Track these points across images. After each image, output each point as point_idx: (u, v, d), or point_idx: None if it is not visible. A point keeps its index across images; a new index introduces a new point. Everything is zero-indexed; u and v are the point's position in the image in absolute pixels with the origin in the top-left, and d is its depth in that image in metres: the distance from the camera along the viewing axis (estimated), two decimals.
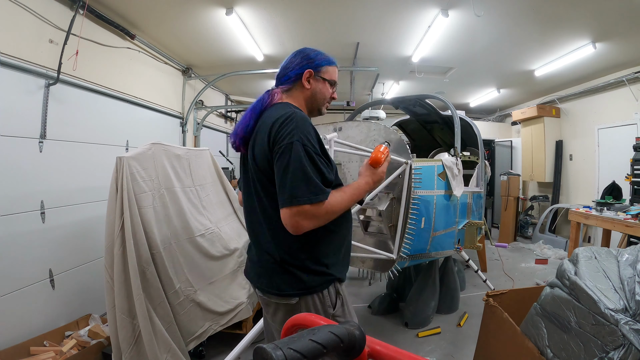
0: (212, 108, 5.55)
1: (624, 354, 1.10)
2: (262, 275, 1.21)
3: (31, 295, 2.39)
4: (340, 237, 1.23)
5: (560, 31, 3.75)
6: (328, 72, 1.28)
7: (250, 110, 1.23)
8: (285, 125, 1.08)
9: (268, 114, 1.18)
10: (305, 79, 1.24)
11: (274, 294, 1.17)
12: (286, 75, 1.26)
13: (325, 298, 1.17)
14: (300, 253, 1.14)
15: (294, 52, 1.29)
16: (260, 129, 1.17)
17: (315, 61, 1.25)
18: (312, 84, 1.26)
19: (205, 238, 2.48)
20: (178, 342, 2.10)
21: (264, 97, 1.24)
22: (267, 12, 3.47)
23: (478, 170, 3.51)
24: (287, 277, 1.15)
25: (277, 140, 1.08)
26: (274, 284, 1.17)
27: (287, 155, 1.04)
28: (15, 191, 2.33)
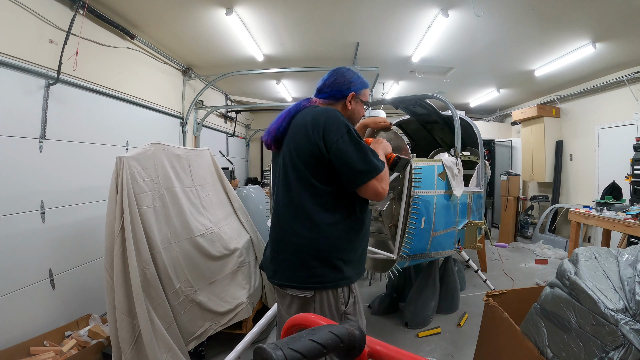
0: (212, 108, 5.56)
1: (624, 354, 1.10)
2: (280, 269, 1.28)
3: (31, 295, 2.39)
4: (361, 236, 1.32)
5: (560, 31, 3.75)
6: (365, 95, 1.46)
7: (285, 113, 1.36)
8: (335, 119, 1.24)
9: (302, 113, 1.32)
10: (348, 100, 1.40)
11: (291, 287, 1.25)
12: (331, 92, 1.40)
13: (339, 295, 1.24)
14: (324, 248, 1.22)
15: (336, 69, 1.43)
16: (296, 127, 1.30)
17: (357, 85, 1.42)
18: (352, 105, 1.41)
19: (205, 238, 2.48)
20: (178, 342, 2.10)
21: (302, 102, 1.39)
22: (267, 12, 3.47)
23: (478, 170, 3.51)
24: (305, 271, 1.22)
25: (331, 132, 1.21)
26: (292, 276, 1.24)
27: (351, 142, 1.20)
28: (15, 191, 2.33)
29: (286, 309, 1.31)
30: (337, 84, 1.40)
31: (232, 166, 6.03)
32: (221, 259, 2.56)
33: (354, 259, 1.29)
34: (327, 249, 1.22)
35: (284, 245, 1.28)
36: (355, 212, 1.30)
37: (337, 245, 1.23)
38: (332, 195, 1.25)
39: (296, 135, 1.28)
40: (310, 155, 1.23)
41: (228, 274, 2.58)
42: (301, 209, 1.25)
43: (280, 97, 7.04)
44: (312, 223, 1.23)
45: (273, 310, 2.28)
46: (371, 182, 1.20)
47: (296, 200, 1.26)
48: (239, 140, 7.82)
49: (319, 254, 1.22)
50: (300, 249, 1.23)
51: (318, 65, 4.79)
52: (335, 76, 1.41)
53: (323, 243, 1.22)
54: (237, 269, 2.66)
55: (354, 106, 1.42)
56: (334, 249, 1.23)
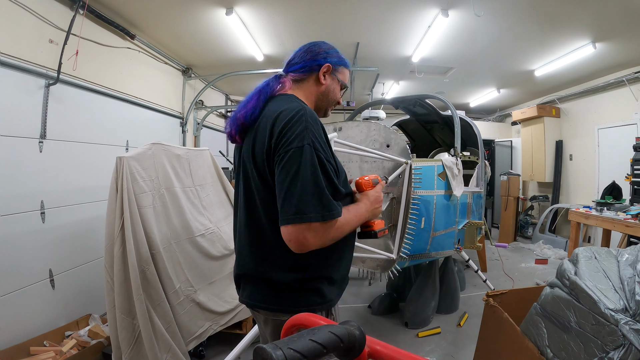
0: (212, 108, 5.55)
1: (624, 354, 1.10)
2: (249, 288, 1.08)
3: (31, 295, 2.39)
4: (348, 250, 1.11)
5: (560, 31, 3.75)
6: (343, 73, 1.18)
7: (256, 95, 1.07)
8: (294, 124, 0.93)
9: (271, 107, 1.03)
10: (322, 72, 1.12)
11: (263, 309, 1.05)
12: (302, 63, 1.12)
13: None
14: (291, 270, 1.00)
15: (311, 42, 1.17)
16: (261, 121, 1.02)
17: (335, 58, 1.15)
18: (327, 80, 1.14)
19: (205, 238, 2.48)
20: (178, 342, 2.10)
21: (271, 82, 1.11)
22: (267, 12, 3.47)
23: (478, 170, 3.51)
24: (277, 293, 1.02)
25: (282, 140, 0.92)
26: (261, 298, 1.04)
27: (297, 161, 0.89)
28: (15, 191, 2.33)
29: (262, 327, 1.15)
30: (311, 52, 1.13)
31: (232, 166, 6.03)
32: (221, 259, 2.56)
33: (338, 279, 1.07)
34: (305, 269, 1.00)
35: (248, 265, 1.06)
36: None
37: (318, 264, 1.01)
38: None
39: (259, 130, 1.01)
40: (262, 160, 0.98)
41: (228, 274, 2.58)
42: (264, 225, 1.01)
43: None
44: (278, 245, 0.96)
45: None
46: (290, 227, 0.89)
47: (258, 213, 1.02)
48: None
49: (293, 273, 0.99)
50: (271, 268, 1.01)
51: None
52: (308, 46, 1.15)
53: (301, 261, 0.98)
54: None
55: (329, 82, 1.14)
56: (315, 269, 1.01)
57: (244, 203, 1.07)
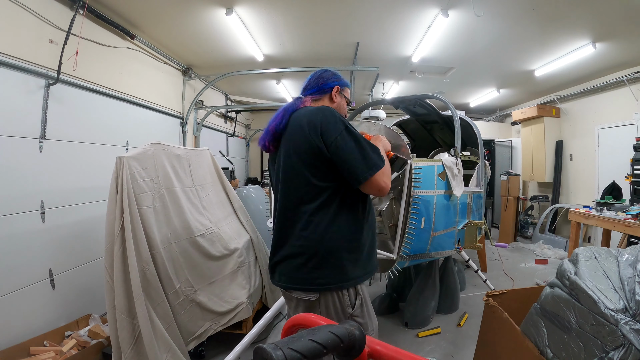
0: (212, 108, 5.56)
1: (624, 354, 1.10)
2: (284, 271, 1.27)
3: (31, 295, 2.39)
4: (365, 234, 1.29)
5: (560, 31, 3.75)
6: (347, 92, 1.52)
7: (282, 111, 1.36)
8: (330, 117, 1.24)
9: (298, 114, 1.31)
10: (334, 92, 1.45)
11: (295, 289, 1.25)
12: (317, 87, 1.44)
13: (345, 297, 1.22)
14: (327, 249, 1.20)
15: (320, 70, 1.50)
16: (293, 128, 1.29)
17: (341, 81, 1.48)
18: (338, 98, 1.46)
19: (205, 238, 2.48)
20: (178, 342, 2.10)
21: (295, 102, 1.41)
22: (267, 12, 3.47)
23: (478, 170, 3.51)
24: (308, 273, 1.21)
25: (329, 131, 1.21)
26: (295, 279, 1.24)
27: (348, 139, 1.20)
28: (15, 191, 2.33)
29: (293, 311, 1.32)
30: (322, 79, 1.45)
31: (232, 166, 6.03)
32: (221, 259, 2.56)
33: (360, 259, 1.26)
34: (330, 249, 1.20)
35: (286, 248, 1.27)
36: (358, 209, 1.29)
37: (340, 244, 1.22)
38: (333, 193, 1.23)
39: (293, 136, 1.27)
40: (309, 154, 1.22)
41: (228, 274, 2.58)
42: (302, 210, 1.23)
43: (280, 97, 7.04)
44: (314, 223, 1.21)
45: (273, 310, 2.28)
46: (374, 177, 1.19)
47: (296, 201, 1.25)
48: (239, 140, 7.82)
49: (323, 254, 1.20)
50: (303, 251, 1.22)
51: (318, 66, 4.75)
52: (318, 73, 1.48)
53: (326, 243, 1.20)
54: (237, 269, 2.66)
55: (339, 100, 1.47)
56: (338, 249, 1.21)
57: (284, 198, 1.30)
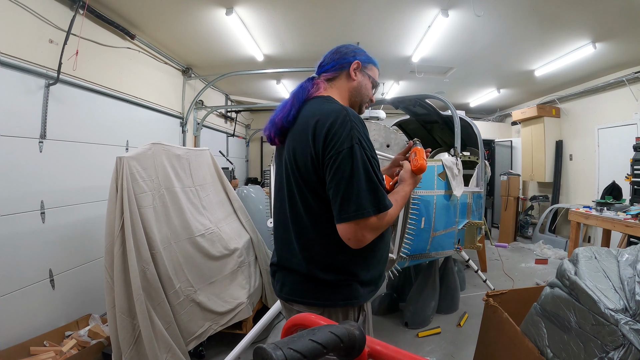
0: (212, 108, 5.55)
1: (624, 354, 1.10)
2: (288, 281, 1.14)
3: (31, 295, 2.39)
4: (379, 252, 1.13)
5: (560, 31, 3.75)
6: (373, 71, 1.24)
7: (291, 98, 1.12)
8: (341, 126, 0.97)
9: (310, 109, 1.08)
10: (352, 69, 1.17)
11: (298, 302, 1.11)
12: (332, 62, 1.19)
13: (349, 314, 1.10)
14: (337, 266, 1.05)
15: (339, 45, 1.24)
16: (300, 123, 1.07)
17: (363, 56, 1.21)
18: (358, 76, 1.18)
19: (205, 238, 2.48)
20: (178, 342, 2.10)
21: (306, 85, 1.16)
22: (267, 12, 3.47)
23: (478, 170, 3.51)
24: (314, 288, 1.07)
25: (332, 143, 0.96)
26: (299, 292, 1.10)
27: (350, 162, 0.94)
28: (15, 191, 2.33)
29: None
30: (340, 53, 1.20)
31: (232, 166, 6.03)
32: (221, 259, 2.56)
33: (371, 276, 1.11)
34: (340, 266, 1.05)
35: (291, 258, 1.12)
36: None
37: (351, 262, 1.06)
38: None
39: (301, 134, 1.06)
40: (308, 163, 1.02)
41: (228, 274, 2.58)
42: (308, 219, 1.06)
43: (280, 97, 7.03)
44: (323, 237, 1.04)
45: (273, 310, 2.28)
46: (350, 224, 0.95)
47: (301, 208, 1.07)
48: (239, 140, 7.82)
49: (331, 271, 1.05)
50: (308, 264, 1.07)
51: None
52: (337, 47, 1.23)
53: (336, 260, 1.05)
54: (237, 269, 2.66)
55: (360, 78, 1.19)
56: (348, 266, 1.06)
57: (288, 202, 1.12)
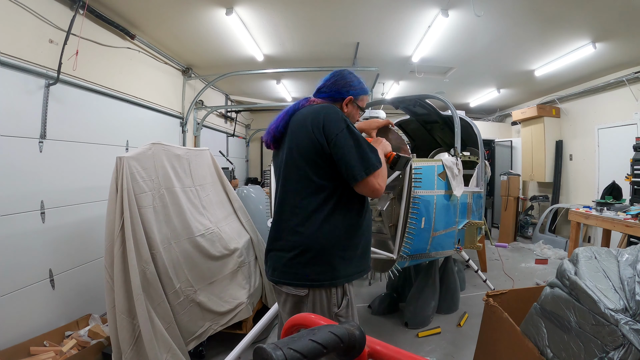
0: (212, 108, 5.55)
1: (624, 354, 1.10)
2: (277, 265, 1.29)
3: (31, 295, 2.39)
4: (360, 233, 1.31)
5: (560, 31, 3.75)
6: (362, 100, 1.46)
7: (283, 113, 1.38)
8: (333, 115, 1.26)
9: (302, 112, 1.34)
10: (345, 103, 1.41)
11: (285, 284, 1.27)
12: (329, 92, 1.42)
13: (332, 296, 1.23)
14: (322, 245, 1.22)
15: (338, 71, 1.45)
16: (296, 125, 1.32)
17: (357, 90, 1.43)
18: (348, 108, 1.43)
19: (205, 238, 2.48)
20: (178, 342, 2.10)
21: (301, 102, 1.40)
22: (267, 12, 3.47)
23: (478, 170, 3.51)
24: (301, 269, 1.23)
25: (331, 127, 1.23)
26: (287, 274, 1.26)
27: (347, 138, 1.21)
28: (15, 191, 2.33)
29: (281, 306, 1.35)
30: (337, 85, 1.41)
31: (232, 166, 6.03)
32: (221, 259, 2.56)
33: (354, 257, 1.28)
34: (324, 247, 1.22)
35: (282, 242, 1.29)
36: (355, 209, 1.30)
37: (335, 242, 1.23)
38: (332, 192, 1.25)
39: (296, 133, 1.30)
40: (312, 151, 1.24)
41: (228, 274, 2.58)
42: (299, 205, 1.26)
43: (280, 97, 7.03)
44: (310, 220, 1.23)
45: (273, 310, 2.28)
46: (369, 178, 1.20)
47: (294, 197, 1.28)
48: (239, 140, 7.82)
49: (316, 251, 1.22)
50: (297, 246, 1.23)
51: (318, 65, 4.79)
52: (335, 77, 1.43)
53: (321, 240, 1.22)
54: (237, 269, 2.66)
55: (350, 110, 1.43)
56: (332, 246, 1.23)
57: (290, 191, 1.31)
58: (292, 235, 1.26)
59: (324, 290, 1.23)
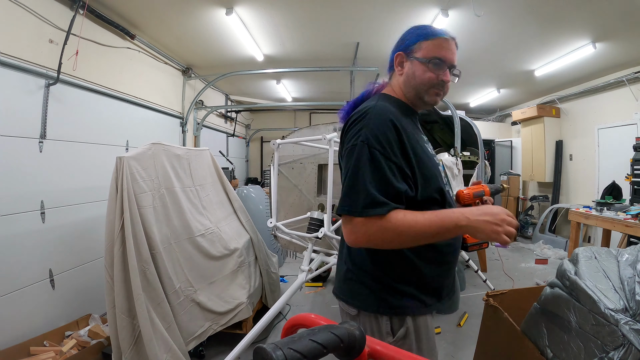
0: (212, 108, 5.55)
1: (624, 354, 1.09)
2: (336, 278, 1.16)
3: (31, 295, 2.39)
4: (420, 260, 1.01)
5: (560, 31, 3.75)
6: (422, 49, 1.02)
7: (353, 100, 1.13)
8: (355, 123, 0.96)
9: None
10: (397, 63, 1.08)
11: (339, 299, 1.11)
12: (389, 62, 1.12)
13: (381, 324, 1.01)
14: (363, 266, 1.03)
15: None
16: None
17: (406, 40, 1.06)
18: (405, 67, 1.06)
19: (205, 238, 2.48)
20: (178, 342, 2.10)
21: (369, 85, 1.15)
22: (267, 12, 3.47)
23: (478, 170, 3.51)
24: (351, 287, 1.06)
25: (346, 139, 0.98)
26: (340, 289, 1.11)
27: (351, 158, 0.93)
28: (15, 191, 2.33)
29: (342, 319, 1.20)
30: (393, 50, 1.10)
31: (232, 166, 6.03)
32: (221, 259, 2.56)
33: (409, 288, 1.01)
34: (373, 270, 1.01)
35: (340, 253, 1.16)
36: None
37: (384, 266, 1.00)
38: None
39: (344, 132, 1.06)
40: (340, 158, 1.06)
41: (228, 274, 2.58)
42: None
43: (280, 97, 7.03)
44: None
45: (273, 310, 2.28)
46: (344, 218, 0.93)
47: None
48: (239, 140, 7.82)
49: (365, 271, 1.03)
50: (347, 261, 1.08)
51: (318, 65, 4.79)
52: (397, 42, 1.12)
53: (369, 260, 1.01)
54: (237, 269, 2.66)
55: (407, 70, 1.05)
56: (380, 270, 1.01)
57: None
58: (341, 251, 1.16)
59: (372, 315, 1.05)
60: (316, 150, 2.71)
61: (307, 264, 2.38)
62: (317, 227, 2.42)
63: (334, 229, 2.36)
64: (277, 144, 2.45)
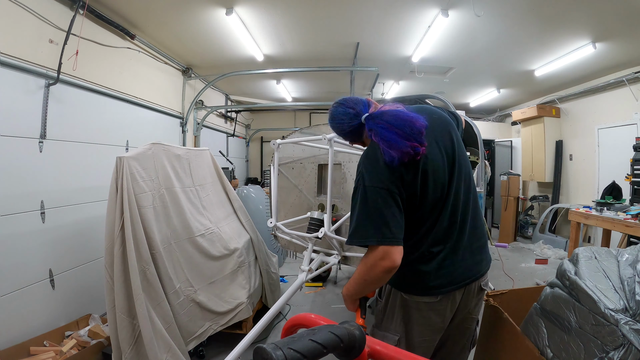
0: (212, 108, 5.56)
1: (624, 354, 1.09)
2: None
3: (31, 295, 2.39)
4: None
5: (560, 31, 3.75)
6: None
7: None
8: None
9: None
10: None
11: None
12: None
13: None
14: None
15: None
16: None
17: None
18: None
19: (205, 238, 2.48)
20: (178, 342, 2.10)
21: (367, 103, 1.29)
22: (267, 12, 3.47)
23: (478, 170, 3.51)
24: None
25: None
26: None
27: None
28: (15, 191, 2.33)
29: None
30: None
31: (232, 166, 6.03)
32: (221, 259, 2.56)
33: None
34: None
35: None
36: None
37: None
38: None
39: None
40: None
41: (228, 274, 2.58)
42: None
43: (280, 97, 7.03)
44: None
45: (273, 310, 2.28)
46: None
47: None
48: (239, 140, 7.82)
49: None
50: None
51: (318, 65, 4.79)
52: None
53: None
54: (237, 269, 2.66)
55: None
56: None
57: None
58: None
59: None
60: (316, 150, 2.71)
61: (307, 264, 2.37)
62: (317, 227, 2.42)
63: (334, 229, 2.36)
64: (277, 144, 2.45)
